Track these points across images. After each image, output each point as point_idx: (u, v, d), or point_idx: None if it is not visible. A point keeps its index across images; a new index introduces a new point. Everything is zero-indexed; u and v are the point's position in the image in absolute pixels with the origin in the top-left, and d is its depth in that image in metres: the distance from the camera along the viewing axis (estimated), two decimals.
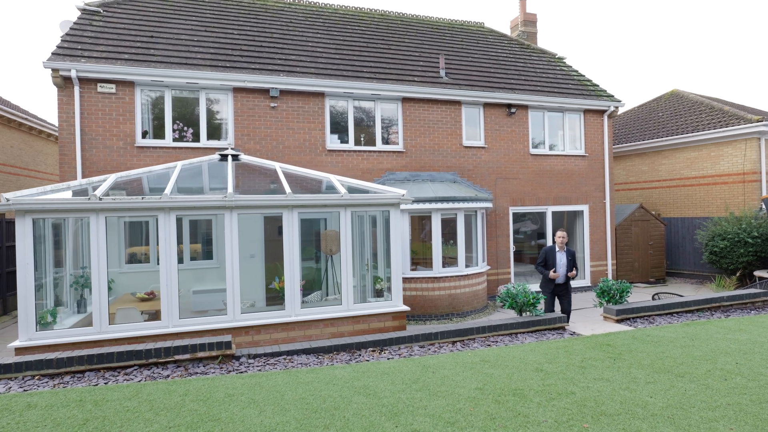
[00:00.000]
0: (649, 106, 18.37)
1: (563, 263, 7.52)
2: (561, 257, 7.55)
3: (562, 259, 7.54)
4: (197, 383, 4.28)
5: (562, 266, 7.49)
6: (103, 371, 4.66)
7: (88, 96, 9.20)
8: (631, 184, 16.84)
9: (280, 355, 5.30)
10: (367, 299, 8.32)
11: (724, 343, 5.53)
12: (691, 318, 7.02)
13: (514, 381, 4.30)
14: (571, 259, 7.57)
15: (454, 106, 11.74)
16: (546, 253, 7.67)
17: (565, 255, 7.56)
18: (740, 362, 4.80)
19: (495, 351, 5.34)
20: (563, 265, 7.50)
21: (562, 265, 7.50)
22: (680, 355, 5.06)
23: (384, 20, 14.66)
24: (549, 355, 5.11)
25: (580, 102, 12.72)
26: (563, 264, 7.51)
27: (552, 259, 7.53)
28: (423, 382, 4.27)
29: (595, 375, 4.44)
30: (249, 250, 9.34)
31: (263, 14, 12.95)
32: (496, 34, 15.89)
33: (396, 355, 5.41)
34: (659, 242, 13.99)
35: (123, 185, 7.29)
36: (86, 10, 10.86)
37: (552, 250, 7.64)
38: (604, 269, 13.10)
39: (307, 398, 3.90)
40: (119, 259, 9.25)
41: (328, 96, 10.76)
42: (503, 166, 12.17)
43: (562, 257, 7.55)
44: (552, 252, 7.62)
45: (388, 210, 7.68)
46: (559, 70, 14.17)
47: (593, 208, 13.08)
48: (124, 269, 9.36)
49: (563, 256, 7.55)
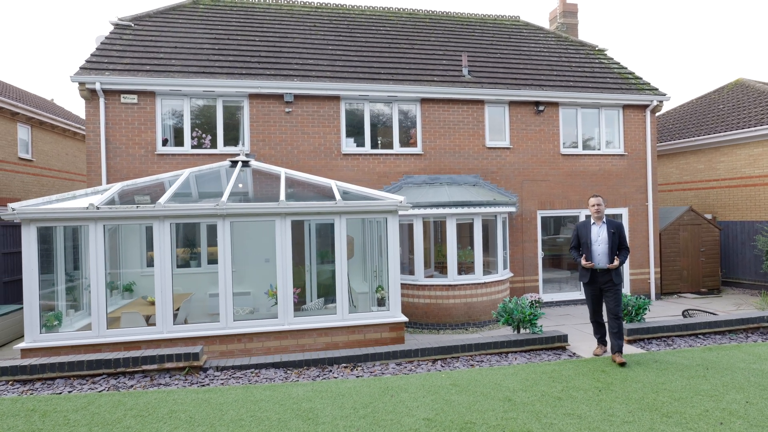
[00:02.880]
0: (709, 98, 16.73)
1: (602, 241, 5.47)
2: (598, 233, 5.54)
3: (601, 234, 5.51)
4: (150, 396, 4.29)
5: (600, 245, 5.48)
6: (72, 379, 4.81)
7: (113, 107, 9.66)
8: (684, 183, 15.42)
9: (248, 368, 5.23)
10: (370, 308, 8.13)
11: (744, 374, 4.81)
12: (720, 341, 6.21)
13: (471, 412, 3.94)
14: (614, 234, 5.50)
15: (477, 106, 11.23)
16: (577, 230, 5.77)
17: (604, 229, 5.54)
18: (753, 401, 4.14)
19: (471, 373, 4.97)
20: (603, 243, 5.47)
21: (601, 242, 5.48)
22: (682, 388, 4.45)
23: (411, 19, 14.35)
24: (529, 381, 4.68)
25: (618, 97, 11.77)
26: (602, 241, 5.48)
27: (586, 237, 5.56)
28: (373, 408, 4.02)
29: (567, 410, 3.98)
30: (264, 254, 9.43)
31: (288, 19, 13.07)
32: (531, 27, 15.09)
33: (368, 372, 5.18)
34: (713, 248, 12.67)
35: (131, 193, 7.57)
36: (118, 24, 11.44)
37: (585, 226, 5.69)
38: (646, 278, 12.05)
39: (244, 419, 3.78)
40: (141, 262, 9.66)
41: (344, 99, 10.64)
42: (530, 167, 11.50)
43: (599, 233, 5.53)
44: (585, 228, 5.65)
45: (386, 217, 7.43)
46: (598, 63, 13.21)
47: (633, 212, 12.07)
48: (145, 272, 9.76)
49: (602, 231, 5.54)
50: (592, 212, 5.68)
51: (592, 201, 5.74)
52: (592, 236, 5.55)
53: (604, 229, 5.57)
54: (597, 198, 5.73)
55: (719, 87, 16.98)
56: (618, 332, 5.34)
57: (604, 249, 5.48)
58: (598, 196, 5.72)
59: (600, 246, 5.51)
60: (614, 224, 5.64)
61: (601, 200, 5.72)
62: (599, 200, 5.71)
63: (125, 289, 9.27)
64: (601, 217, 5.65)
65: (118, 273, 9.40)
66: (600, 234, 5.56)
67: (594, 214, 5.67)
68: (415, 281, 9.77)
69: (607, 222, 5.62)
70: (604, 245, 5.50)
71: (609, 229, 5.55)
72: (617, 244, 5.53)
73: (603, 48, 14.08)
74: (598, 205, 5.67)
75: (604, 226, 5.60)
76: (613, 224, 5.63)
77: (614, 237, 5.50)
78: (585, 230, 5.67)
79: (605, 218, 5.66)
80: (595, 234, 5.59)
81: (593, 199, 5.75)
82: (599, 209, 5.65)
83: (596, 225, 5.65)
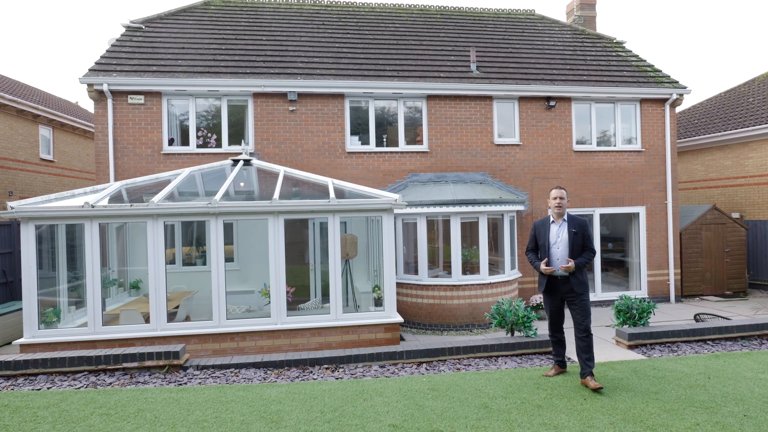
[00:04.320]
0: (738, 91, 15.91)
1: (562, 243, 4.59)
2: (557, 233, 4.66)
3: (560, 234, 4.63)
4: (123, 395, 4.28)
5: (559, 247, 4.59)
6: (54, 375, 4.86)
7: (120, 108, 9.83)
8: (710, 181, 14.70)
9: (229, 367, 5.19)
10: (368, 308, 8.01)
11: (749, 385, 4.47)
12: (730, 348, 5.83)
13: (441, 419, 3.77)
14: (576, 234, 4.58)
15: (485, 102, 10.96)
16: (535, 229, 4.87)
17: (564, 229, 4.66)
18: (752, 414, 3.82)
19: (454, 378, 4.78)
20: (563, 245, 4.58)
21: (561, 244, 4.59)
22: (675, 399, 4.16)
23: (422, 15, 14.14)
24: (512, 387, 4.46)
25: (635, 91, 11.28)
26: (562, 243, 4.59)
27: (544, 238, 4.70)
28: (341, 412, 3.90)
29: (545, 419, 3.76)
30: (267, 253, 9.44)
31: (296, 18, 13.06)
32: (547, 21, 14.67)
33: (348, 374, 5.05)
34: (739, 249, 12.02)
35: (129, 192, 7.66)
36: (130, 27, 11.65)
37: (543, 224, 4.80)
38: (665, 279, 11.53)
39: (207, 420, 3.71)
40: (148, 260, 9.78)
41: (348, 97, 10.54)
42: (541, 164, 11.15)
43: (559, 233, 4.65)
44: (543, 227, 4.77)
45: (381, 215, 7.28)
46: (615, 56, 12.71)
47: (652, 210, 11.56)
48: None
49: (562, 231, 4.65)
50: (552, 207, 4.73)
51: (553, 193, 4.79)
52: (551, 237, 4.65)
53: (564, 228, 4.66)
54: (560, 190, 4.79)
55: (749, 79, 16.13)
56: (588, 351, 4.48)
57: (563, 252, 4.57)
58: (561, 188, 4.83)
59: (560, 249, 4.59)
60: (577, 222, 4.67)
61: (564, 193, 4.80)
62: (562, 192, 4.78)
63: (132, 287, 9.41)
64: (562, 214, 4.72)
65: (126, 271, 9.56)
66: (560, 234, 4.64)
67: (554, 209, 4.71)
68: (419, 281, 9.60)
69: (569, 220, 4.69)
70: (564, 248, 4.57)
71: (570, 229, 4.62)
72: (580, 246, 4.61)
73: (621, 40, 13.55)
74: (559, 199, 4.71)
75: (565, 224, 4.68)
76: (575, 222, 4.67)
77: (576, 237, 4.56)
78: (543, 230, 4.75)
79: (567, 215, 4.73)
80: (554, 234, 4.67)
81: (555, 191, 4.80)
82: (560, 204, 4.69)
83: (555, 224, 4.73)
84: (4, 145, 12.99)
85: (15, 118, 13.42)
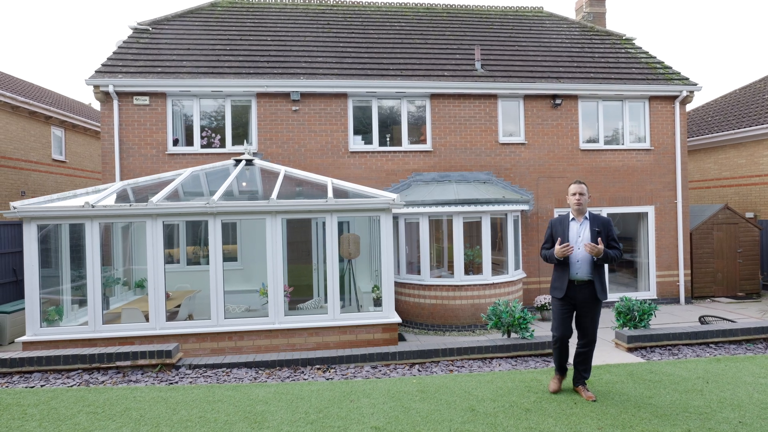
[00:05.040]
0: (753, 88, 15.52)
1: (582, 242, 4.17)
2: (578, 232, 4.25)
3: (582, 234, 4.23)
4: (113, 393, 4.32)
5: (579, 249, 4.18)
6: (48, 373, 4.93)
7: (126, 109, 9.95)
8: (723, 180, 14.36)
9: (221, 367, 5.20)
10: (368, 308, 7.98)
11: (748, 390, 4.33)
12: (734, 351, 5.67)
13: (426, 422, 3.72)
14: (599, 234, 4.15)
15: (489, 100, 10.85)
16: (552, 227, 4.43)
17: (587, 227, 4.24)
18: (747, 421, 3.70)
19: (445, 380, 4.73)
20: (583, 243, 4.16)
21: (580, 245, 4.18)
22: (669, 404, 4.05)
23: (428, 14, 14.06)
24: (503, 390, 4.39)
25: (643, 88, 11.07)
26: (583, 240, 4.18)
27: (562, 237, 4.24)
28: (326, 413, 3.88)
29: (531, 423, 3.69)
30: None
31: (302, 18, 13.08)
32: (555, 18, 14.48)
33: (340, 375, 5.03)
34: (752, 249, 11.72)
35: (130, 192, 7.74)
36: (137, 29, 11.79)
37: (561, 222, 4.36)
38: (674, 280, 11.29)
39: (191, 420, 3.72)
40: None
41: (351, 96, 10.53)
42: (547, 163, 11.00)
43: (580, 232, 4.25)
44: (562, 225, 4.33)
45: (379, 215, 7.25)
46: (624, 52, 12.49)
47: (661, 210, 11.33)
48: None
49: (584, 230, 4.24)
50: (571, 204, 4.30)
51: (572, 188, 4.31)
52: (571, 236, 4.23)
53: (585, 227, 4.24)
54: (579, 185, 4.30)
55: (765, 76, 15.72)
56: (588, 362, 4.28)
57: (585, 254, 4.15)
58: (581, 183, 4.34)
59: (580, 249, 4.17)
60: (600, 220, 4.25)
61: (585, 188, 4.31)
62: (582, 187, 4.28)
63: (137, 285, 9.51)
64: (583, 212, 4.29)
65: (131, 270, 9.68)
66: (581, 233, 4.22)
67: (574, 206, 4.28)
68: (421, 281, 9.54)
69: (591, 218, 4.26)
70: (584, 248, 4.15)
71: (593, 227, 4.20)
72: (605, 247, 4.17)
73: (631, 37, 13.31)
74: (579, 195, 4.25)
75: (586, 223, 4.25)
76: (598, 220, 4.25)
77: (598, 238, 4.14)
78: (561, 228, 4.31)
79: (588, 213, 4.31)
80: (575, 233, 4.24)
81: (574, 186, 4.31)
82: (580, 200, 4.24)
83: (576, 222, 4.29)
84: (16, 146, 13.26)
85: (28, 120, 13.69)
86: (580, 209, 4.31)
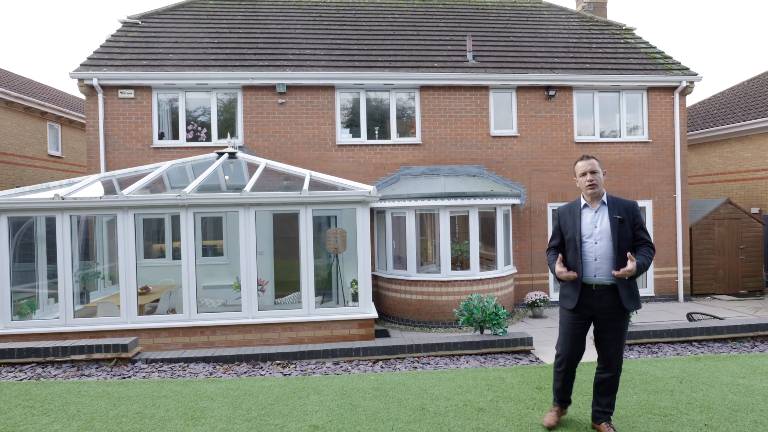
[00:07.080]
0: (761, 80, 15.01)
1: (600, 234, 3.16)
2: (593, 221, 3.21)
3: (599, 223, 3.19)
4: (58, 387, 4.21)
5: (598, 242, 3.16)
6: (2, 366, 4.83)
7: (111, 102, 9.88)
8: (728, 174, 13.91)
9: (178, 361, 5.07)
10: (348, 303, 7.82)
11: (722, 390, 4.07)
12: (718, 350, 5.38)
13: (370, 420, 3.54)
14: (623, 223, 3.12)
15: (480, 92, 10.59)
16: (559, 218, 3.40)
17: (605, 215, 3.19)
18: (713, 424, 3.45)
19: (405, 377, 4.53)
20: (604, 238, 3.15)
21: (600, 237, 3.16)
22: (634, 405, 3.81)
23: (423, 6, 13.80)
24: (462, 388, 4.19)
25: (641, 78, 10.71)
26: (600, 235, 3.16)
27: (573, 229, 3.25)
28: (269, 410, 3.71)
29: (480, 424, 3.49)
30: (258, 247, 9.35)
31: (293, 11, 12.92)
32: (553, 8, 14.12)
33: (298, 371, 4.87)
34: (755, 245, 11.31)
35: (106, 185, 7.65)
36: (126, 22, 11.73)
37: (571, 211, 3.33)
38: (673, 278, 10.93)
39: (127, 416, 3.59)
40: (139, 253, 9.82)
41: (339, 89, 10.34)
42: (540, 156, 10.71)
43: (596, 221, 3.21)
44: (572, 214, 3.31)
45: (355, 208, 7.06)
46: (623, 42, 12.12)
47: (659, 204, 10.97)
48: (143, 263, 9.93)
49: (600, 218, 3.20)
50: (582, 187, 3.26)
51: (580, 167, 3.27)
52: (584, 227, 3.20)
53: (603, 214, 3.19)
54: (589, 161, 3.24)
55: None
56: (612, 393, 3.27)
57: (605, 249, 3.12)
58: (591, 157, 3.27)
59: (598, 244, 3.14)
60: (622, 204, 3.21)
61: (597, 164, 3.25)
62: (593, 164, 3.23)
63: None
64: (599, 195, 3.24)
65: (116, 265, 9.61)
66: (597, 223, 3.18)
67: (586, 189, 3.23)
68: (407, 276, 9.35)
69: (609, 202, 3.21)
70: (606, 242, 3.13)
71: (612, 215, 3.15)
72: (629, 241, 3.14)
73: (631, 27, 12.92)
74: (590, 174, 3.21)
75: (604, 209, 3.20)
76: (619, 205, 3.20)
77: (623, 228, 3.12)
78: (570, 218, 3.28)
79: (606, 196, 3.25)
80: (589, 223, 3.21)
81: (582, 163, 3.27)
82: (593, 180, 3.19)
83: (590, 208, 3.25)
84: (11, 142, 13.32)
85: (23, 115, 13.74)
86: (595, 192, 3.21)
